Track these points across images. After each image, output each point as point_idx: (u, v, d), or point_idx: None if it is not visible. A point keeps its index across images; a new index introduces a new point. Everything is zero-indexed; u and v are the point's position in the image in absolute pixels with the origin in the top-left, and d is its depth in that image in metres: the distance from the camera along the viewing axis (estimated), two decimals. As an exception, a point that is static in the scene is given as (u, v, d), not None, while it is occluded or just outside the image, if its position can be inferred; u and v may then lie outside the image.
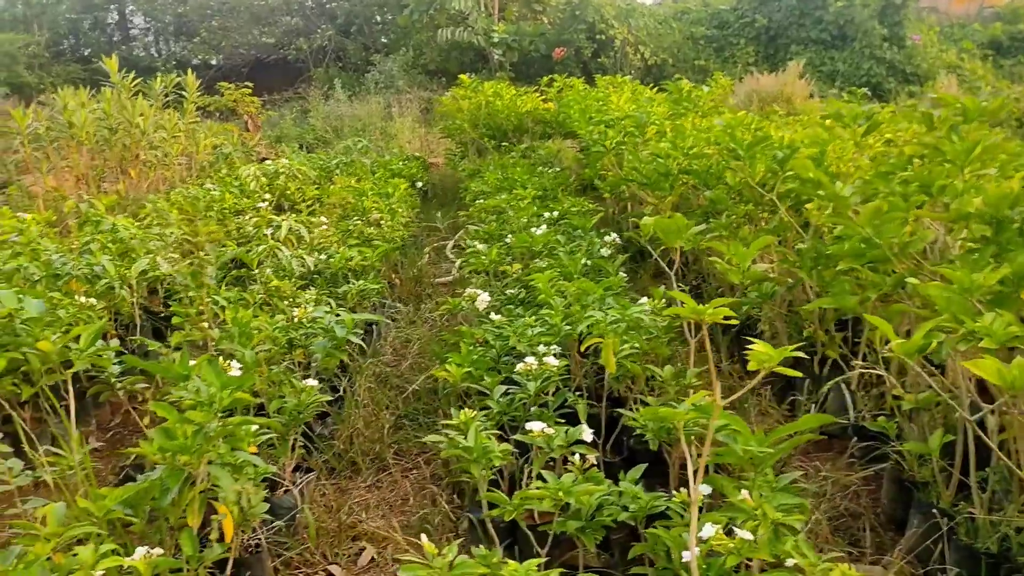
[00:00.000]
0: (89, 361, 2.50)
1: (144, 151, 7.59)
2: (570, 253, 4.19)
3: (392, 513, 3.01)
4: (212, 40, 20.91)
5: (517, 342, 2.95)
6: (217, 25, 21.10)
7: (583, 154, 7.37)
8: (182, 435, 2.16)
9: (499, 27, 16.89)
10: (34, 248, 4.19)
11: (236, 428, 2.02)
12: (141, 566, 1.72)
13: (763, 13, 17.32)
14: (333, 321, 3.01)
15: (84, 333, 2.38)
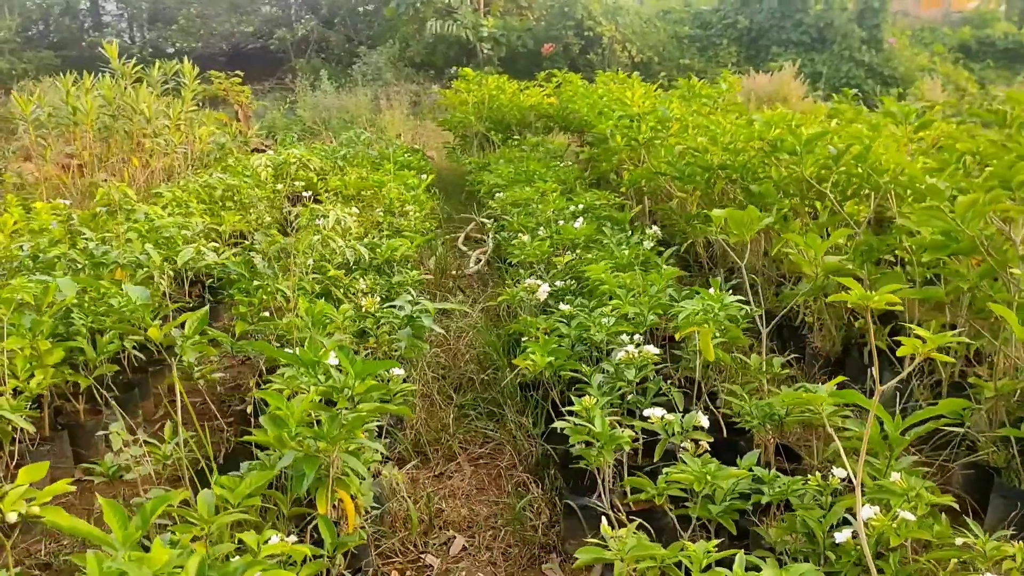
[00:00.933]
0: (198, 348, 2.47)
1: (148, 139, 7.47)
2: (617, 245, 4.23)
3: (470, 502, 3.02)
4: (191, 28, 20.58)
5: (596, 331, 2.98)
6: (196, 12, 20.77)
7: (594, 148, 7.40)
8: (291, 423, 2.17)
9: (488, 22, 16.88)
10: (73, 235, 4.11)
11: (369, 415, 2.02)
12: (306, 551, 1.71)
13: (745, 15, 17.54)
14: (411, 310, 3.00)
15: (190, 320, 2.36)
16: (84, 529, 1.33)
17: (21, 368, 2.96)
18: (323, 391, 2.04)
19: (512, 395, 3.60)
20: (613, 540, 1.65)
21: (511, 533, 2.74)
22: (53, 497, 1.75)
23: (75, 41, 22.06)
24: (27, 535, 2.82)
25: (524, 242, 4.48)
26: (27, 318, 3.09)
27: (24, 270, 3.97)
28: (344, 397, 2.01)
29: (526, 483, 2.99)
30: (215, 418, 3.75)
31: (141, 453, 2.36)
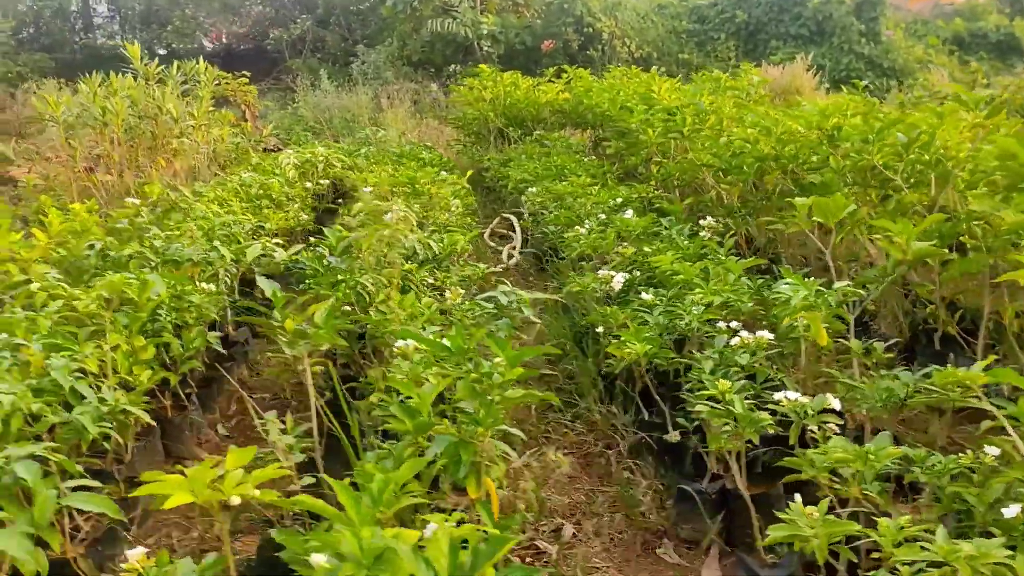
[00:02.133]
0: (329, 340, 2.49)
1: (175, 139, 7.44)
2: (677, 236, 4.28)
3: (568, 490, 3.05)
4: (185, 29, 20.46)
5: (690, 319, 3.02)
6: (190, 13, 20.66)
7: (620, 143, 7.45)
8: (424, 410, 2.21)
9: (488, 19, 16.89)
10: (141, 233, 4.12)
11: (520, 400, 2.06)
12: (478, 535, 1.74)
13: (743, 8, 17.63)
14: (508, 301, 3.04)
15: (318, 311, 2.37)
16: (330, 511, 1.36)
17: (122, 364, 2.97)
18: (475, 378, 2.07)
19: (590, 386, 3.63)
20: (803, 519, 1.69)
21: (621, 519, 2.78)
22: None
23: (66, 43, 21.89)
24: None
25: (580, 235, 4.52)
26: (120, 315, 3.10)
27: (95, 269, 3.98)
28: (495, 383, 2.05)
29: (622, 470, 3.03)
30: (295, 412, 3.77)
31: (291, 442, 2.37)
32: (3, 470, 1.97)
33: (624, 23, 17.22)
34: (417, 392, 2.31)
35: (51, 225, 5.23)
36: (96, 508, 1.88)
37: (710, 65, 16.77)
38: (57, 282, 3.39)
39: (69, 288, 3.29)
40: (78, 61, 21.13)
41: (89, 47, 21.87)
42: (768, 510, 2.49)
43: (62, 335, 2.94)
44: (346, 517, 1.37)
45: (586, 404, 3.53)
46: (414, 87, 16.85)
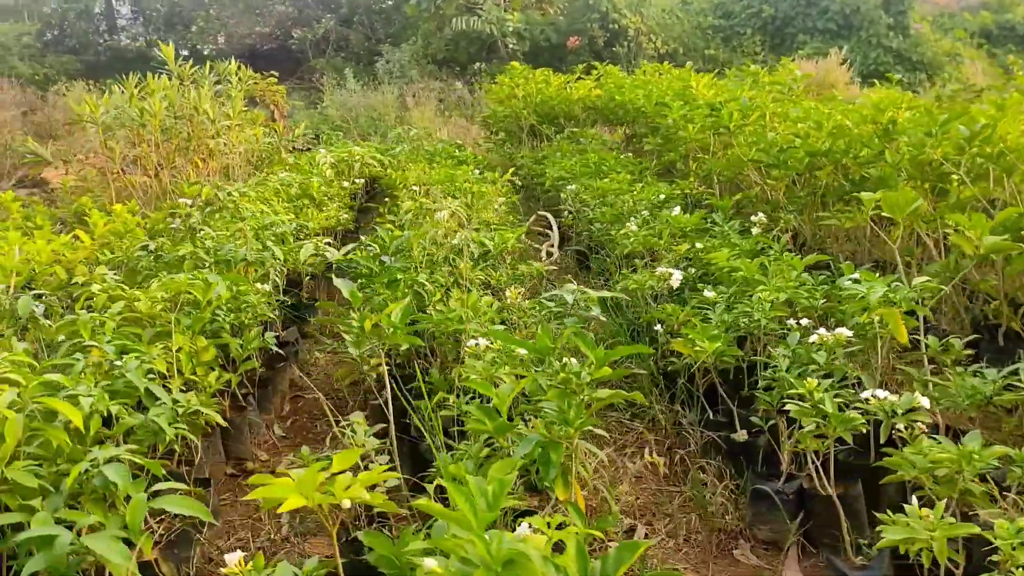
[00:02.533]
0: (403, 340, 2.46)
1: (212, 140, 7.46)
2: (727, 234, 4.22)
3: (634, 491, 3.01)
4: (209, 30, 20.58)
5: (760, 316, 2.97)
6: (214, 14, 20.78)
7: (657, 138, 7.38)
8: (504, 410, 2.18)
9: (513, 16, 16.85)
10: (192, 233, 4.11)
11: (609, 400, 2.02)
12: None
13: (769, 3, 17.48)
14: (575, 299, 3.00)
15: (395, 309, 2.35)
16: (452, 515, 1.33)
17: (185, 365, 2.96)
18: (563, 378, 2.04)
19: (651, 384, 3.58)
20: (917, 521, 1.64)
21: (695, 520, 2.73)
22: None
23: (91, 45, 22.06)
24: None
25: (631, 231, 4.47)
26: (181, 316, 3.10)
27: (147, 270, 3.98)
28: (583, 383, 2.01)
29: (695, 470, 2.98)
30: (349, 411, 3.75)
31: (377, 445, 2.35)
32: (90, 473, 1.96)
33: (649, 19, 17.12)
34: (495, 392, 2.28)
35: (96, 227, 5.26)
36: (188, 511, 1.86)
37: (736, 60, 16.67)
38: (116, 283, 3.38)
39: (128, 289, 3.29)
40: (102, 63, 21.32)
41: (113, 49, 22.03)
42: (848, 510, 2.45)
43: (126, 336, 2.94)
44: (465, 520, 1.34)
45: (646, 403, 3.48)
46: (439, 85, 16.85)
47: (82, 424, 2.08)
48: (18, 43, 18.74)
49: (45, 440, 2.13)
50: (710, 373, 3.20)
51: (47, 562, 1.69)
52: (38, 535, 1.76)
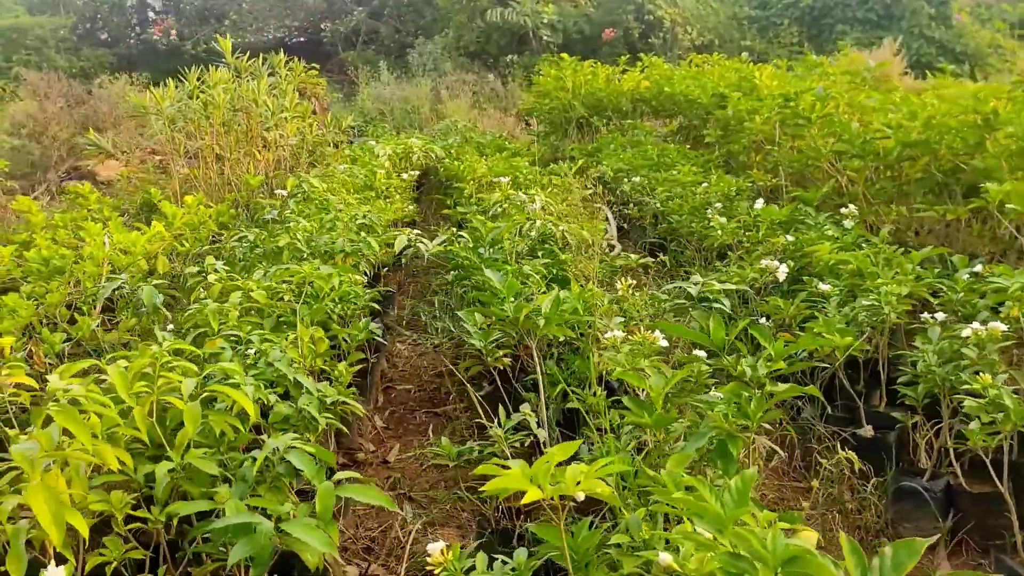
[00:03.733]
0: (558, 331, 2.45)
1: (271, 132, 7.47)
2: (821, 226, 4.18)
3: (761, 487, 2.98)
4: (242, 23, 20.64)
5: (890, 311, 2.93)
6: (247, 8, 20.84)
7: (718, 130, 7.33)
8: (658, 402, 2.16)
9: (548, 8, 16.78)
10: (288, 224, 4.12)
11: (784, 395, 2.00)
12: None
13: (807, -7, 17.31)
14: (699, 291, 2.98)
15: (546, 300, 2.33)
16: (711, 510, 1.31)
17: (308, 354, 2.96)
18: (741, 371, 2.01)
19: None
20: None
21: (837, 517, 2.70)
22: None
23: (123, 38, 22.19)
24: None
25: (721, 224, 4.44)
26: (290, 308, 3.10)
27: (240, 261, 3.99)
28: (761, 376, 1.99)
29: (811, 467, 2.95)
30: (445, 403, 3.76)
31: (500, 435, 2.33)
32: (272, 461, 1.96)
33: (685, 10, 17.00)
34: (649, 384, 2.26)
35: (175, 218, 5.28)
36: (374, 501, 1.85)
37: (773, 52, 16.52)
38: (227, 273, 3.39)
39: (241, 279, 3.30)
40: (135, 56, 21.44)
41: (146, 42, 22.15)
42: (1002, 509, 2.41)
43: (248, 326, 2.94)
44: (716, 514, 1.32)
45: (820, 396, 3.44)
46: (472, 78, 16.82)
47: (254, 412, 2.08)
48: (54, 36, 18.85)
49: (206, 427, 2.13)
50: (826, 368, 3.17)
51: (252, 550, 1.69)
52: (235, 523, 1.76)
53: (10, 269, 4.89)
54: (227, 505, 1.81)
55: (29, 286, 4.32)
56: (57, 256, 4.71)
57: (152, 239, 4.94)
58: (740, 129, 6.99)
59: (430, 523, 2.85)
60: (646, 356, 2.48)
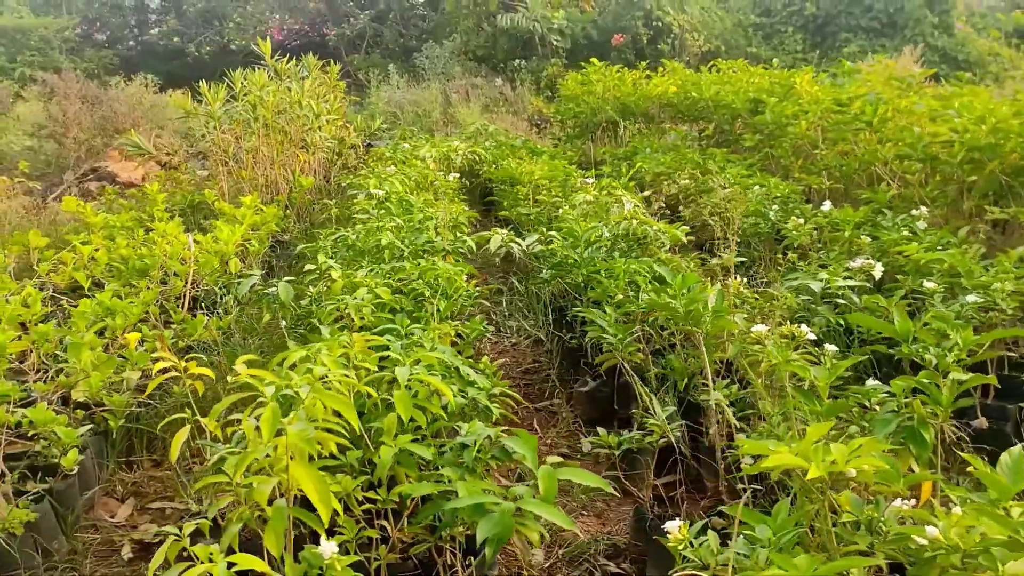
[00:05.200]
0: (727, 324, 2.54)
1: (315, 133, 7.53)
2: (898, 227, 4.30)
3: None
4: (245, 25, 20.62)
5: (1006, 306, 3.05)
6: (251, 10, 20.84)
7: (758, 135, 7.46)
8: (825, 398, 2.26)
9: (557, 14, 16.92)
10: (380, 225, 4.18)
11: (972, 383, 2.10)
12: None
13: (812, 1, 17.54)
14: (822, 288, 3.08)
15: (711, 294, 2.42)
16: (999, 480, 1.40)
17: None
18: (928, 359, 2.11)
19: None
20: None
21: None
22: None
23: (123, 39, 22.14)
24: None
25: (799, 224, 4.55)
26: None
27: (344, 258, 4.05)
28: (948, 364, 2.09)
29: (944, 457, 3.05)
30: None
31: (663, 424, 2.42)
32: (485, 446, 2.03)
33: (692, 17, 17.20)
34: (811, 374, 2.35)
35: (244, 218, 5.33)
36: (593, 483, 1.93)
37: (778, 59, 16.74)
38: (343, 270, 3.45)
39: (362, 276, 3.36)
40: (135, 58, 21.38)
41: (146, 43, 22.11)
42: None
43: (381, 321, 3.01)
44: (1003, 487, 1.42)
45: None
46: (481, 82, 16.93)
47: (453, 400, 2.15)
48: (58, 37, 18.76)
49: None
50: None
51: (497, 528, 1.76)
52: (471, 503, 1.83)
53: (92, 270, 4.93)
54: (458, 486, 1.88)
55: (113, 285, 4.38)
56: (136, 256, 4.76)
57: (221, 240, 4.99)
58: (782, 133, 7.13)
59: (582, 511, 2.93)
60: (794, 348, 2.57)
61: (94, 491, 2.92)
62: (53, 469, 2.80)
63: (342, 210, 5.55)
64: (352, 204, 5.36)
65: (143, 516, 2.89)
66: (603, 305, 3.45)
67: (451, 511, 1.88)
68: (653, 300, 2.59)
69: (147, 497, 3.02)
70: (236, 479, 1.71)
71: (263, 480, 1.73)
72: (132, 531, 2.77)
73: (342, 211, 5.54)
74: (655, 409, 2.57)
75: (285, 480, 1.74)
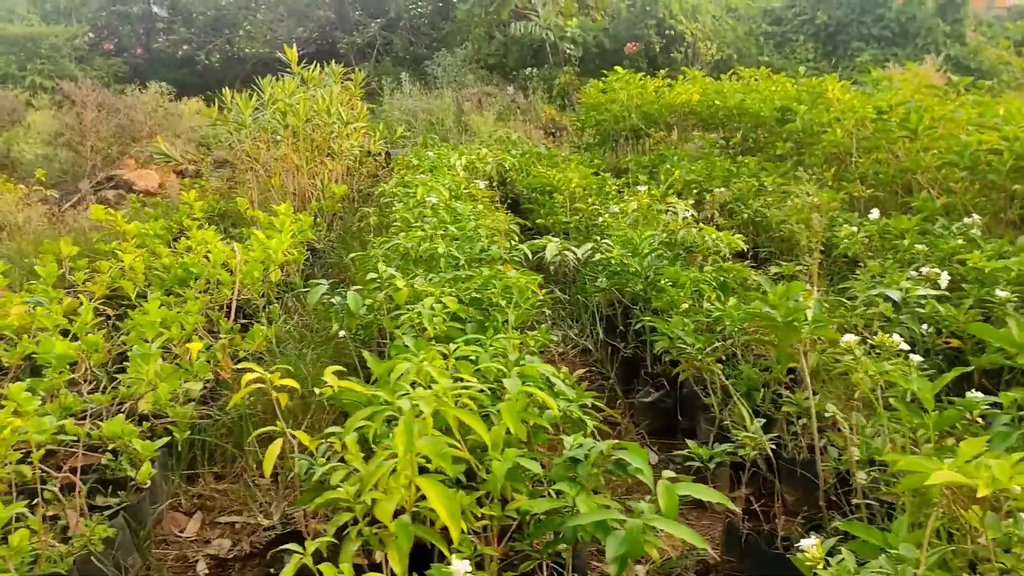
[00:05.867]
0: (826, 333, 2.48)
1: (341, 141, 7.50)
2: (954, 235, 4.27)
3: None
4: (256, 33, 20.64)
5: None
6: (261, 18, 20.86)
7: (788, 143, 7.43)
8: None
9: (571, 22, 16.93)
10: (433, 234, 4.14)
11: None
12: None
13: (823, 10, 17.55)
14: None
15: (805, 296, 2.38)
16: None
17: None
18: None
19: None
20: None
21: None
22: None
23: (130, 47, 22.16)
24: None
25: (852, 232, 4.51)
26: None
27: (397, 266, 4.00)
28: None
29: None
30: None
31: (759, 434, 2.37)
32: (598, 460, 1.98)
33: (704, 25, 17.21)
34: (916, 387, 2.30)
35: (283, 227, 5.29)
36: (713, 499, 1.88)
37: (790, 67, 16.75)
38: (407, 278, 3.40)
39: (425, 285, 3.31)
40: (144, 66, 21.40)
41: (154, 51, 22.13)
42: None
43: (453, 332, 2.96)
44: None
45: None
46: (494, 90, 16.92)
47: (557, 412, 2.10)
48: (68, 45, 18.76)
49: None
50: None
51: (627, 546, 1.71)
52: (594, 519, 1.78)
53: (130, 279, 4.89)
54: (579, 502, 1.82)
55: (156, 294, 4.32)
56: (178, 265, 4.72)
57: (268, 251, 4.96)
58: (813, 141, 7.10)
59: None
60: (887, 359, 2.52)
61: (164, 505, 2.86)
62: (121, 482, 2.74)
63: (381, 218, 5.50)
64: (390, 212, 5.32)
65: (212, 530, 2.83)
66: (669, 313, 3.40)
67: (571, 528, 1.83)
68: (751, 309, 2.53)
69: (213, 511, 2.95)
70: (364, 494, 1.65)
71: (386, 497, 1.67)
72: (205, 546, 2.71)
73: (381, 219, 5.49)
74: (747, 421, 2.52)
75: (406, 496, 1.69)
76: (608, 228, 4.94)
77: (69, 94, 12.01)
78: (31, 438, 2.28)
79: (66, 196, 10.62)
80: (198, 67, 20.76)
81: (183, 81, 19.16)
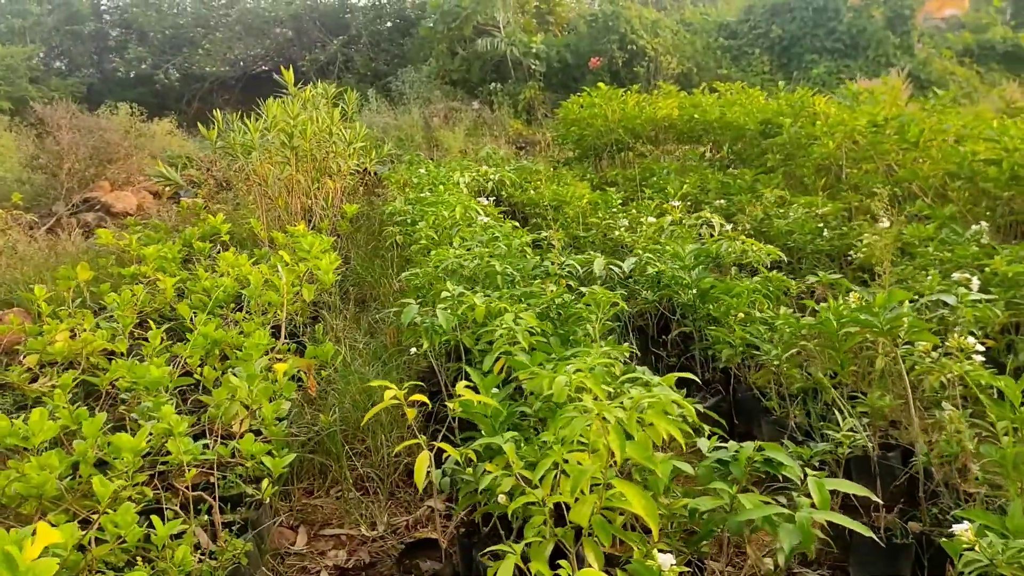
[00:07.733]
0: (926, 337, 2.68)
1: (342, 160, 7.56)
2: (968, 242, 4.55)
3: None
4: (215, 51, 20.45)
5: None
6: (220, 36, 20.68)
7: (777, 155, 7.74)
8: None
9: (535, 38, 17.19)
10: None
11: None
12: None
13: (777, 24, 18.14)
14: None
15: (885, 296, 2.58)
16: None
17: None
18: None
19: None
20: None
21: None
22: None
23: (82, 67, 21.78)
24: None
25: (872, 242, 4.76)
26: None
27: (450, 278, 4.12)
28: None
29: None
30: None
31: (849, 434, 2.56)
32: (747, 460, 2.14)
33: (665, 40, 17.65)
34: (1003, 384, 2.51)
35: (312, 247, 5.37)
36: (860, 492, 2.05)
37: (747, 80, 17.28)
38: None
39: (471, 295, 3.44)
40: (98, 85, 21.04)
41: (107, 71, 21.79)
42: None
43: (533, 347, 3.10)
44: None
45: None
46: (460, 105, 17.07)
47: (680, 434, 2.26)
48: (24, 66, 18.34)
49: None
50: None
51: (798, 538, 1.87)
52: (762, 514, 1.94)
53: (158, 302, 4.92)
54: (742, 500, 1.98)
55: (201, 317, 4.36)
56: (219, 287, 4.77)
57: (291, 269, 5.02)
58: (800, 153, 7.41)
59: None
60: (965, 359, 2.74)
61: (279, 520, 2.93)
62: (236, 499, 2.81)
63: (405, 237, 5.60)
64: (413, 231, 5.44)
65: (321, 543, 2.91)
66: (721, 322, 3.60)
67: (736, 524, 1.98)
68: (854, 315, 2.72)
69: (315, 524, 3.03)
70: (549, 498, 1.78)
71: (585, 499, 1.81)
72: (321, 557, 2.79)
73: (406, 238, 5.59)
74: (848, 420, 2.71)
75: (602, 498, 1.82)
76: (629, 241, 5.13)
77: (43, 116, 11.80)
78: (179, 458, 2.35)
79: (42, 219, 10.45)
80: (156, 86, 20.47)
81: (141, 100, 18.84)
